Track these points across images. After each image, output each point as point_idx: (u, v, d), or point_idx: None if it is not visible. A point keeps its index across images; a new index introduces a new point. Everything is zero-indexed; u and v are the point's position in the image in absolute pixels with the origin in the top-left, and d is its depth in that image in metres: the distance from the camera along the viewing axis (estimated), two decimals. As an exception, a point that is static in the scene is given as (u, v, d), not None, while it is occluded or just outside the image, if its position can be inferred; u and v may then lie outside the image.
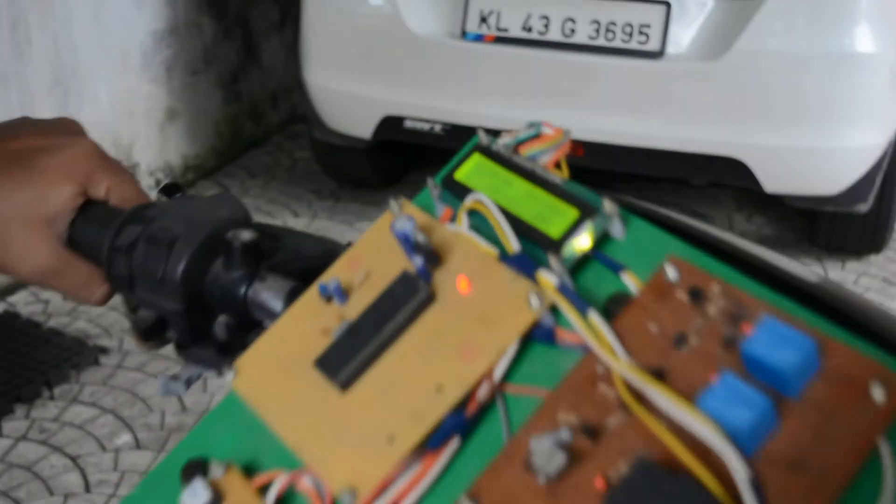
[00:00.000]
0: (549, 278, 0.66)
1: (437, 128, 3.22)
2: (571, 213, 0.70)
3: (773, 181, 3.47)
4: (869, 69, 3.20)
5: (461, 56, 3.20)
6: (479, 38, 3.22)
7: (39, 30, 3.65)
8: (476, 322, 0.68)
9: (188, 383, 0.91)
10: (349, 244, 0.92)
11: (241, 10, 4.65)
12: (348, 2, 3.42)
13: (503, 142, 0.77)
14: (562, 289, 0.65)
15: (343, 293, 0.73)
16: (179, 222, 0.84)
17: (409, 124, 3.23)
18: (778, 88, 3.28)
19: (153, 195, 0.94)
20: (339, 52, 3.37)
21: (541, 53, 3.20)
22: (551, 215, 0.71)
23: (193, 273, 0.84)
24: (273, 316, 0.83)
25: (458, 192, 0.76)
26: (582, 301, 0.64)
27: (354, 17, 3.35)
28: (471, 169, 0.77)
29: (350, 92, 3.23)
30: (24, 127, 0.86)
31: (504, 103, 3.17)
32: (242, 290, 0.84)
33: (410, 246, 0.71)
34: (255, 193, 3.64)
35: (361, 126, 3.27)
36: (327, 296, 0.74)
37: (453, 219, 0.77)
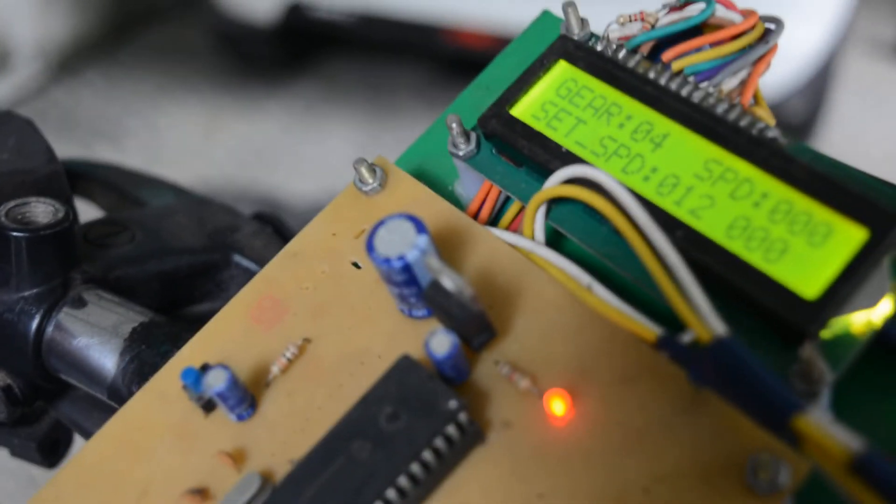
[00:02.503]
0: (820, 424, 0.22)
1: (350, 18, 2.67)
2: (838, 231, 0.26)
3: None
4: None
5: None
6: None
7: None
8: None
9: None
10: (259, 217, 0.46)
11: None
12: None
13: (620, 34, 0.32)
14: (863, 459, 0.22)
15: (243, 397, 0.29)
16: None
17: (320, 14, 2.66)
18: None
19: (27, 84, 0.46)
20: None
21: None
22: (773, 230, 0.27)
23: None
24: (94, 381, 0.37)
25: (517, 145, 0.31)
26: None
27: None
28: (548, 96, 0.32)
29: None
30: None
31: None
32: (33, 324, 0.38)
33: (411, 283, 0.26)
34: (145, 77, 3.07)
35: (265, 12, 2.72)
36: (202, 400, 0.29)
37: (499, 211, 0.33)
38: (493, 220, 0.32)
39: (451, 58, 2.42)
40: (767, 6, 0.33)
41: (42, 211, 0.37)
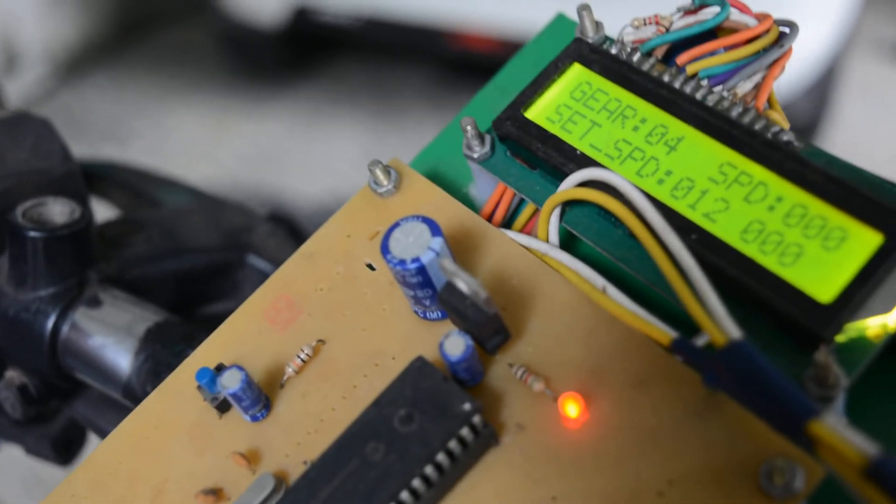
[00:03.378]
0: (835, 429, 0.22)
1: (356, 22, 2.66)
2: (853, 235, 0.26)
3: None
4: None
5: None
6: None
7: None
8: (608, 511, 0.24)
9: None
10: (274, 217, 0.46)
11: None
12: None
13: (634, 38, 0.32)
14: (877, 464, 0.22)
15: (257, 398, 0.29)
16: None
17: (326, 18, 2.66)
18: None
19: (34, 86, 0.46)
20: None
21: None
22: (788, 234, 0.27)
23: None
24: (109, 381, 0.37)
25: (532, 148, 0.31)
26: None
27: None
28: (563, 98, 0.32)
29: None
30: None
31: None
32: (48, 324, 0.38)
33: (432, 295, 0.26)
34: (153, 80, 3.07)
35: (271, 15, 2.71)
36: (217, 401, 0.29)
37: (515, 213, 0.32)
38: (507, 223, 0.32)
39: (455, 61, 2.42)
40: (771, 8, 0.32)
41: (58, 211, 0.37)
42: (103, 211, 0.49)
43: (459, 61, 2.36)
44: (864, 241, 0.25)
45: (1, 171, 0.39)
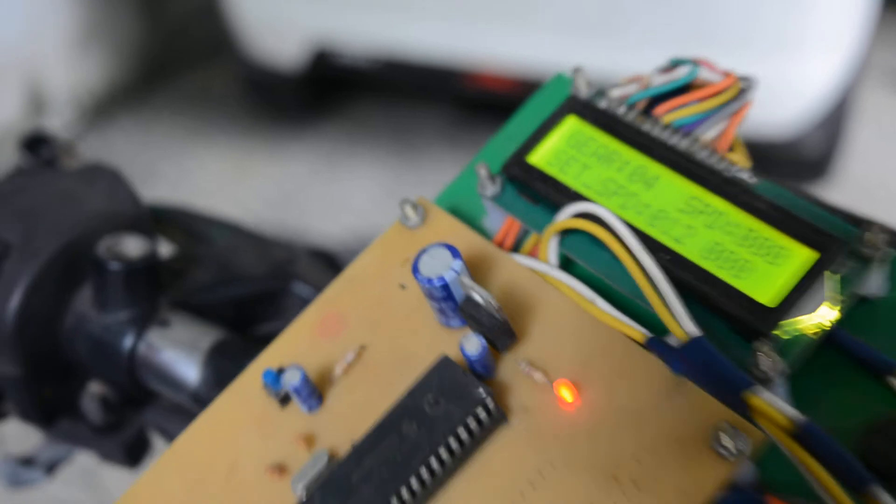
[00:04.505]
0: (767, 399, 0.29)
1: (375, 65, 2.70)
2: (793, 253, 0.33)
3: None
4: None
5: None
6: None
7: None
8: (592, 476, 0.31)
9: (49, 468, 0.52)
10: (313, 252, 0.53)
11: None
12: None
13: (620, 93, 0.39)
14: (802, 428, 0.28)
15: (312, 392, 0.36)
16: (13, 221, 0.45)
17: (345, 61, 2.71)
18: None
19: (62, 131, 0.54)
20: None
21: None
22: (741, 253, 0.33)
23: (38, 313, 0.45)
24: (179, 389, 0.44)
25: (534, 187, 0.38)
26: (850, 459, 0.28)
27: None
28: (560, 145, 0.39)
29: (279, 15, 2.70)
30: None
31: (458, 27, 2.51)
32: (126, 342, 0.45)
33: (453, 307, 0.33)
34: (177, 122, 3.17)
35: (291, 59, 2.77)
36: (279, 395, 0.36)
37: (520, 241, 0.39)
38: (515, 248, 0.39)
39: (471, 100, 2.49)
40: (779, 42, 0.39)
41: (133, 246, 0.45)
42: (161, 247, 0.56)
43: (476, 101, 2.44)
44: (802, 257, 0.32)
45: (83, 213, 0.47)
